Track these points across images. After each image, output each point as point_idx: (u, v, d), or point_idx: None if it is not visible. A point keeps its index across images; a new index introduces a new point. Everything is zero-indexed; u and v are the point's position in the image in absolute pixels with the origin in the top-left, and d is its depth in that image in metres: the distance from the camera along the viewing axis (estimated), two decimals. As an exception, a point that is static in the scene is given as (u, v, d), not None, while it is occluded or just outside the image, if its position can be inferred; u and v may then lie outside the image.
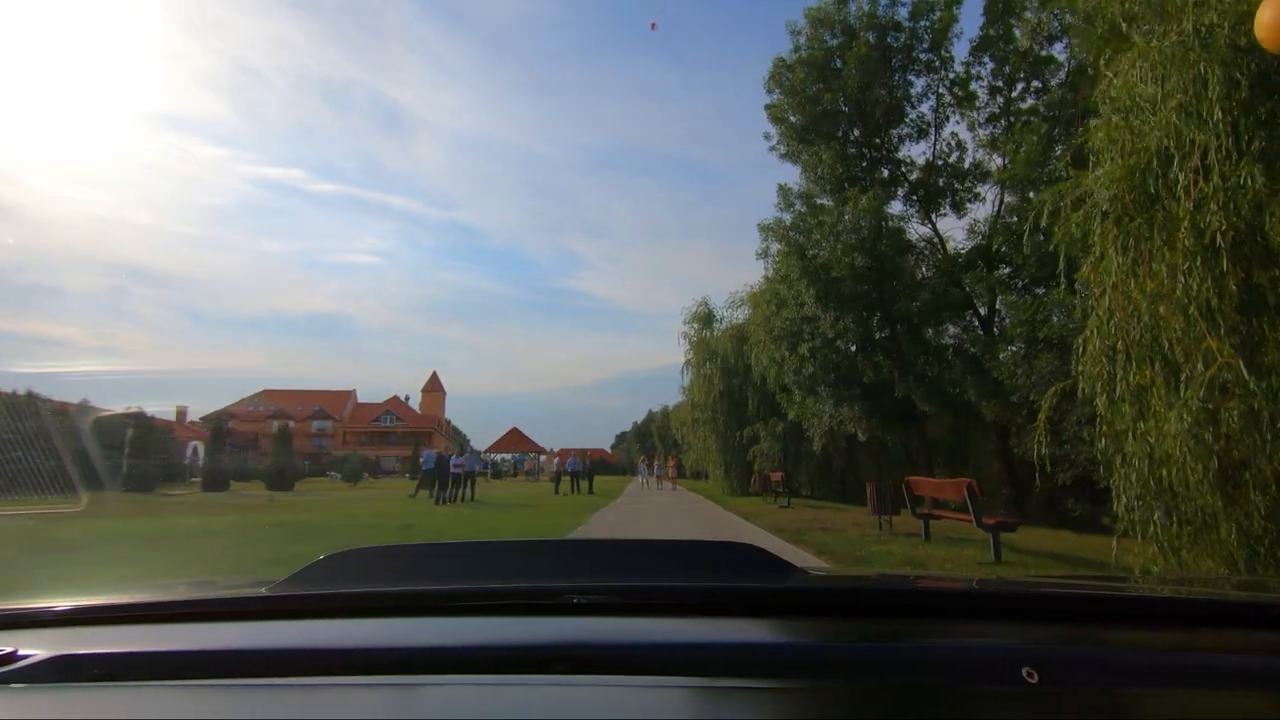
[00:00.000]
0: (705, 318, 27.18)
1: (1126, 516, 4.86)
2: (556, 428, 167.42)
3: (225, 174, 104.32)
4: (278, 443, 29.55)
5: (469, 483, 18.09)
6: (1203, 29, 3.90)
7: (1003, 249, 14.51)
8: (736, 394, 23.95)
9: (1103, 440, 4.85)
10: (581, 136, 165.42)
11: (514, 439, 72.28)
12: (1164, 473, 4.53)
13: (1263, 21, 3.30)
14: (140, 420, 26.75)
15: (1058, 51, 13.98)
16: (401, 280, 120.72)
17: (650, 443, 75.56)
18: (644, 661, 0.73)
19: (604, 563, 1.19)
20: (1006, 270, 14.53)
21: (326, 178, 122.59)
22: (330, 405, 70.45)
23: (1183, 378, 4.28)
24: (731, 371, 24.01)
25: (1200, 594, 1.15)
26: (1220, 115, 3.72)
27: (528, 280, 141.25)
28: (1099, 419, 4.91)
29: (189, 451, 40.25)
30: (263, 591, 1.06)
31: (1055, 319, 10.60)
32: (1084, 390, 4.71)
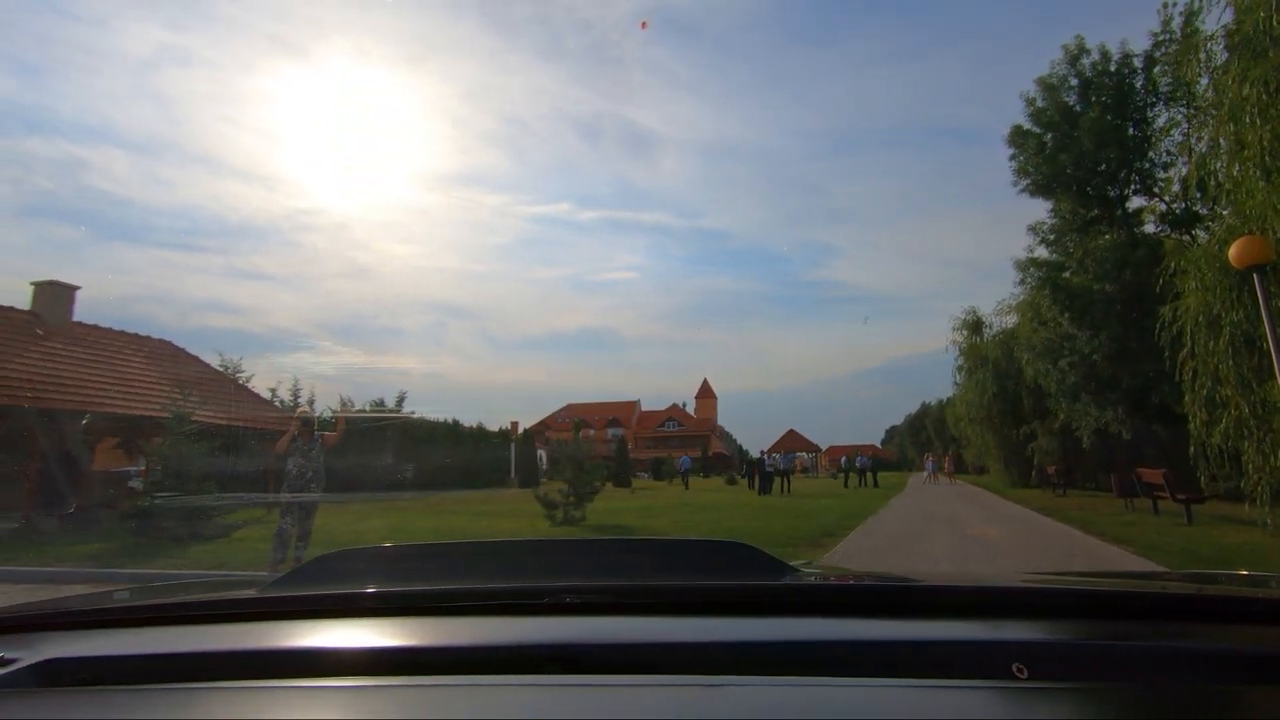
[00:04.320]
0: (974, 325, 29.52)
1: (1251, 488, 8.43)
2: (819, 423, 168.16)
3: (506, 216, 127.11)
4: (618, 449, 38.48)
5: (786, 478, 23.79)
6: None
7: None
8: (1010, 395, 26.09)
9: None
10: (817, 123, 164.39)
11: (790, 439, 76.74)
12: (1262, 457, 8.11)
13: (1231, 254, 7.15)
14: (527, 434, 37.36)
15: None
16: (655, 291, 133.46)
17: (925, 437, 74.61)
18: (638, 660, 0.74)
19: (598, 561, 1.22)
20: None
21: (588, 206, 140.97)
22: (621, 414, 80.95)
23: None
24: (1004, 375, 26.14)
25: (1187, 590, 1.16)
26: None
27: (776, 276, 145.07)
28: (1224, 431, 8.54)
29: (540, 458, 52.64)
30: (253, 593, 1.09)
31: None
32: (1192, 420, 8.46)
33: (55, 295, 14.53)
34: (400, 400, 35.16)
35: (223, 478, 11.63)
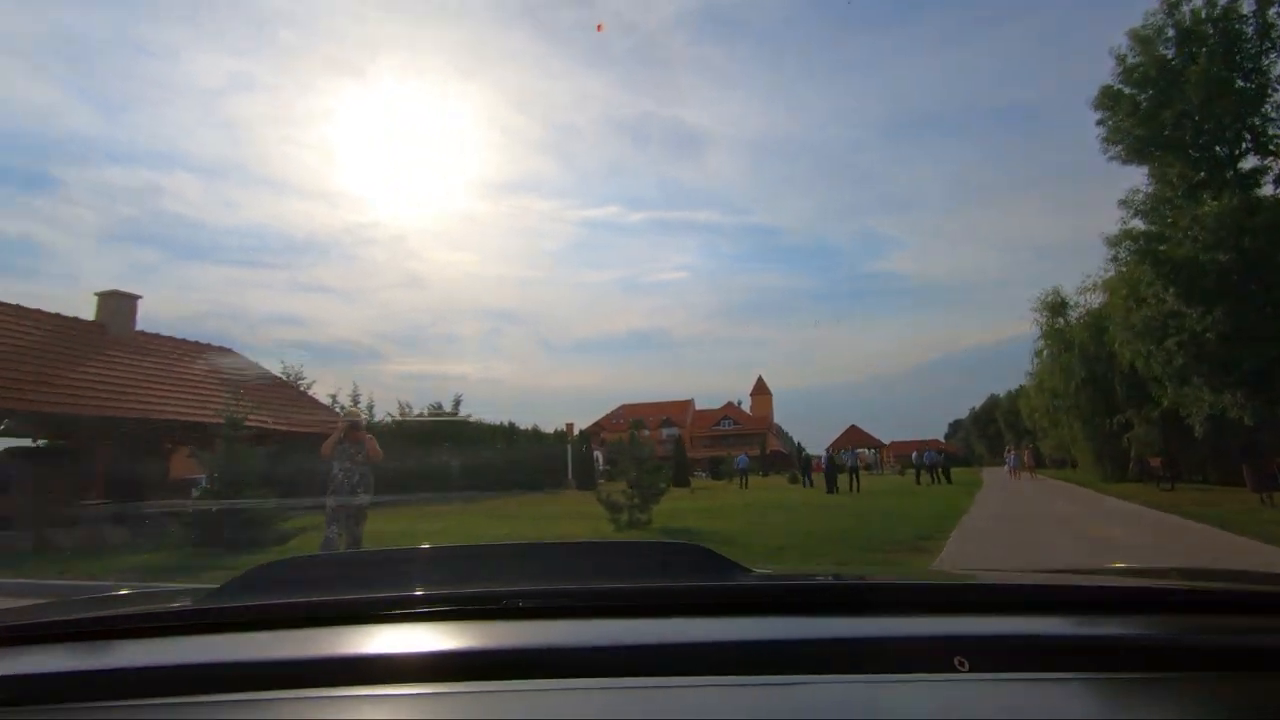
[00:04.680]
0: (1057, 306, 27.40)
1: None
2: (880, 419, 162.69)
3: (557, 221, 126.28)
4: (675, 449, 37.68)
5: (854, 475, 22.52)
6: None
7: None
8: (1100, 381, 24.06)
9: None
10: (870, 111, 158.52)
11: (852, 435, 74.50)
12: None
13: None
14: (581, 436, 36.98)
15: None
16: (706, 290, 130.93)
17: (993, 430, 71.25)
18: (588, 664, 0.73)
19: (548, 565, 1.21)
20: None
21: (637, 208, 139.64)
22: (675, 414, 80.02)
23: None
24: (1092, 359, 24.11)
25: (1133, 583, 1.18)
26: None
27: (831, 270, 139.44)
28: None
29: (596, 459, 52.49)
30: (189, 604, 1.05)
31: None
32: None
33: (118, 305, 14.69)
34: (456, 404, 35.35)
35: (280, 483, 11.36)
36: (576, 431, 50.49)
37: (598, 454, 56.57)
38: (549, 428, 42.16)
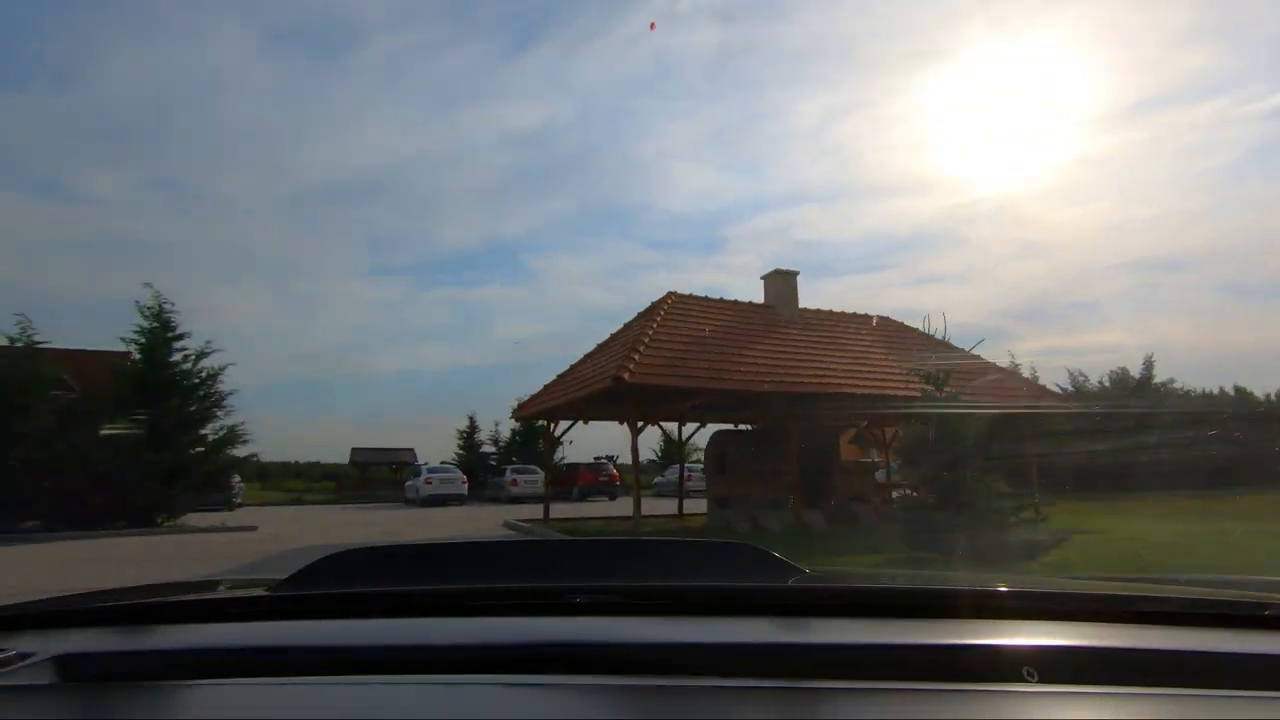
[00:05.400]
0: None
1: None
2: None
3: (1223, 125, 79.81)
4: None
5: None
6: None
7: None
8: None
9: None
10: None
11: None
12: None
13: None
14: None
15: None
16: None
17: None
18: (644, 661, 0.75)
19: (605, 562, 1.21)
20: None
21: None
22: None
23: None
24: None
25: (1196, 594, 1.08)
26: None
27: None
28: None
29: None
30: (263, 591, 1.10)
31: None
32: None
33: (781, 284, 14.67)
34: (1149, 366, 26.90)
35: (1003, 467, 8.40)
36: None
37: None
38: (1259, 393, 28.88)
